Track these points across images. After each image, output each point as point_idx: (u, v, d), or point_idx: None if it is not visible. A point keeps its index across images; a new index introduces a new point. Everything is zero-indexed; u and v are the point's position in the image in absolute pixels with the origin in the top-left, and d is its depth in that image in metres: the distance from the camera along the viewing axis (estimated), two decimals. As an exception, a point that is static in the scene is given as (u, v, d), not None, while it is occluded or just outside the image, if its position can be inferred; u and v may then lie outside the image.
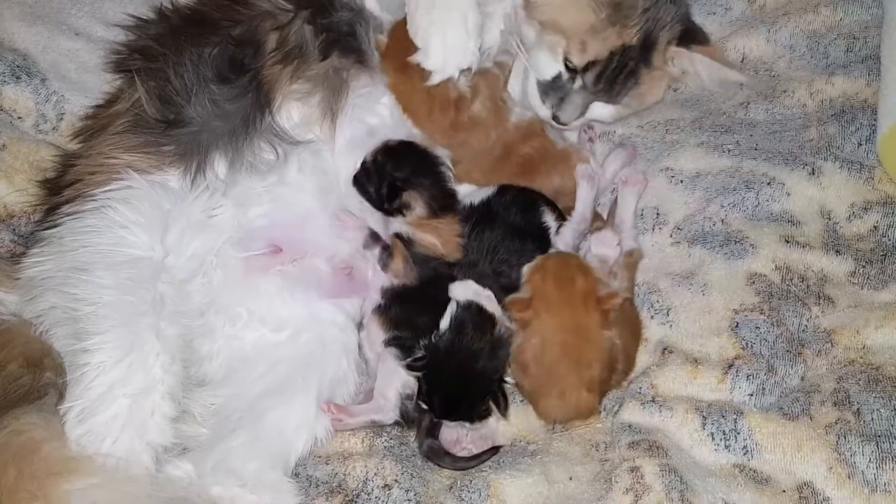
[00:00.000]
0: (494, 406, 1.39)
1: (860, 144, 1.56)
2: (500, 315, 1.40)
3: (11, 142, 1.56)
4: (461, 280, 1.43)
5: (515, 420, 1.44)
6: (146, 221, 1.36)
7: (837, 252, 1.48)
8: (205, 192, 1.43)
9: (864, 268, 1.46)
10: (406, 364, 1.39)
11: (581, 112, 1.54)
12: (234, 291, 1.45)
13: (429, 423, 1.40)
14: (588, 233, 1.52)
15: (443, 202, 1.49)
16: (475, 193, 1.53)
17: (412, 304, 1.44)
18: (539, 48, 1.51)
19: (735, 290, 1.44)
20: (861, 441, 1.26)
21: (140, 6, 1.62)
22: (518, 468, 1.34)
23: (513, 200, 1.50)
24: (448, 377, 1.37)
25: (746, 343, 1.39)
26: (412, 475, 1.35)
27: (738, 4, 1.78)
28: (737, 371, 1.36)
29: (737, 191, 1.53)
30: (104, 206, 1.35)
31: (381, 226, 1.51)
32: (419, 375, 1.38)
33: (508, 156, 1.56)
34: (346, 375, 1.46)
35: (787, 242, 1.48)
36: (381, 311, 1.46)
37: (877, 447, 1.25)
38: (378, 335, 1.44)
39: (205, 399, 1.42)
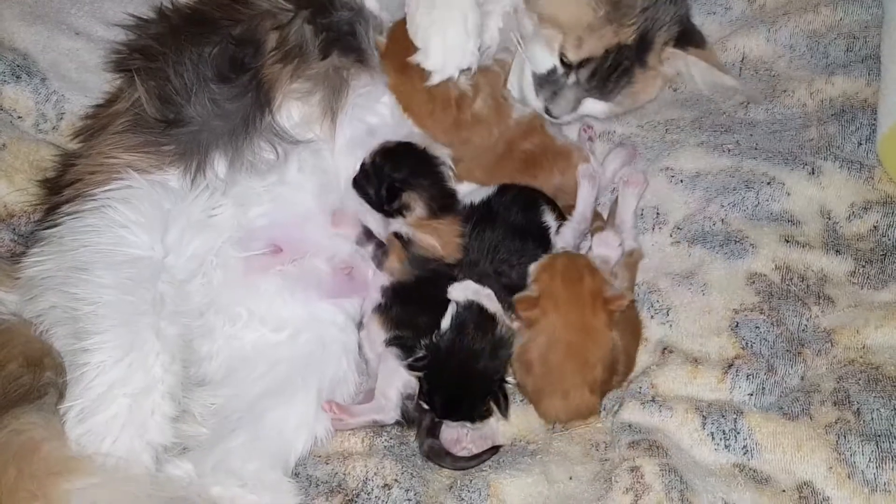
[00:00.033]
0: (495, 406, 1.39)
1: (860, 144, 1.56)
2: (501, 314, 1.40)
3: (11, 141, 1.56)
4: (460, 281, 1.43)
5: (515, 420, 1.44)
6: (146, 221, 1.35)
7: (837, 252, 1.48)
8: (205, 192, 1.43)
9: (864, 267, 1.46)
10: (407, 364, 1.39)
11: (573, 107, 1.53)
12: (234, 291, 1.45)
13: (429, 423, 1.40)
14: (588, 232, 1.52)
15: (442, 202, 1.48)
16: (475, 193, 1.52)
17: (413, 304, 1.44)
18: (536, 41, 1.51)
19: (735, 290, 1.44)
20: (861, 441, 1.26)
21: (140, 6, 1.62)
22: (518, 468, 1.34)
23: (513, 200, 1.49)
24: (449, 377, 1.37)
25: (746, 343, 1.39)
26: (412, 475, 1.35)
27: (738, 4, 1.78)
28: (737, 371, 1.36)
29: (737, 190, 1.53)
30: (104, 206, 1.35)
31: (382, 227, 1.51)
32: (420, 376, 1.39)
33: (510, 152, 1.56)
34: (346, 375, 1.46)
35: (787, 242, 1.48)
36: (382, 311, 1.45)
37: (877, 447, 1.25)
38: (379, 335, 1.44)
39: (205, 399, 1.42)
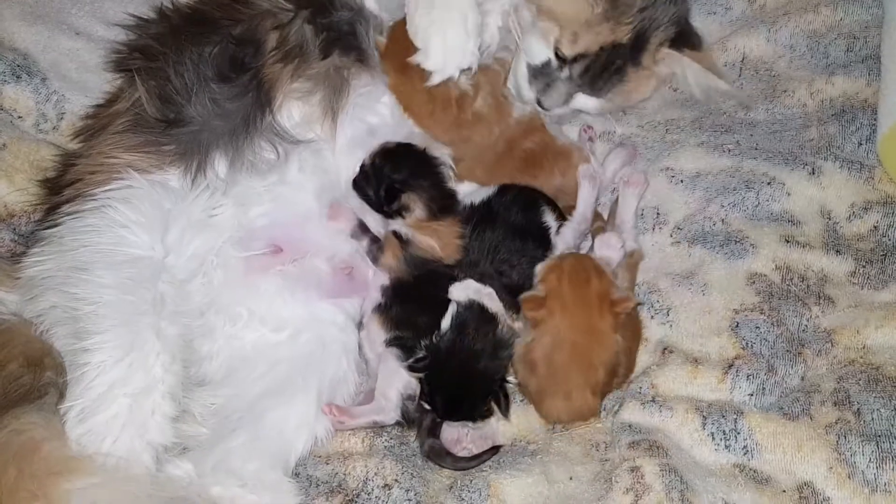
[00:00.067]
0: (496, 406, 1.39)
1: (860, 144, 1.56)
2: (503, 313, 1.40)
3: (12, 141, 1.56)
4: (461, 280, 1.42)
5: (516, 420, 1.44)
6: (146, 221, 1.35)
7: (837, 252, 1.48)
8: (205, 192, 1.43)
9: (865, 268, 1.46)
10: (407, 365, 1.39)
11: (564, 100, 1.54)
12: (235, 291, 1.45)
13: (430, 423, 1.40)
14: (588, 233, 1.52)
15: (442, 203, 1.48)
16: (476, 193, 1.52)
17: (413, 304, 1.44)
18: (533, 33, 1.52)
19: (735, 290, 1.44)
20: (861, 441, 1.26)
21: (140, 5, 1.62)
22: (518, 468, 1.34)
23: (513, 200, 1.49)
24: (450, 377, 1.37)
25: (746, 343, 1.39)
26: (412, 475, 1.35)
27: (739, 4, 1.78)
28: (737, 371, 1.36)
29: (737, 190, 1.53)
30: (104, 206, 1.35)
31: (382, 228, 1.51)
32: (421, 377, 1.38)
33: (511, 151, 1.56)
34: (347, 375, 1.46)
35: (788, 242, 1.48)
36: (382, 311, 1.45)
37: (877, 447, 1.25)
38: (379, 335, 1.44)
39: (205, 399, 1.42)
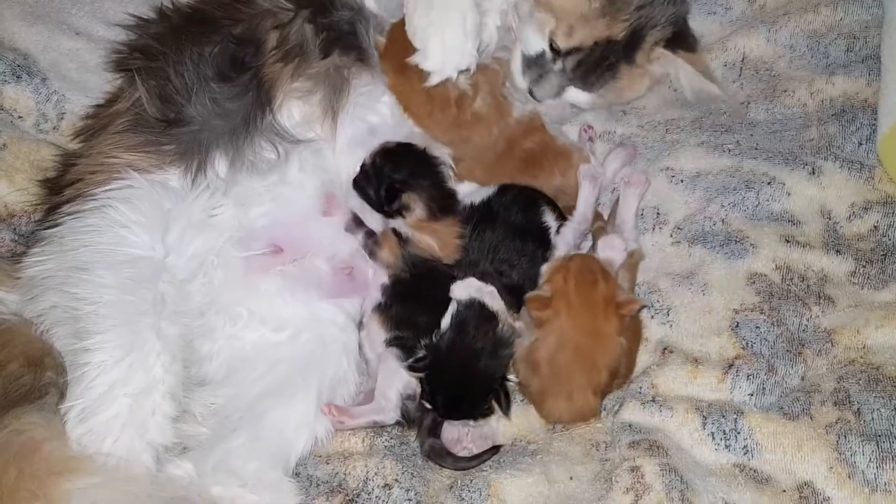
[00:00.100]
0: (497, 404, 1.39)
1: (860, 144, 1.56)
2: (503, 312, 1.40)
3: (12, 141, 1.56)
4: (462, 279, 1.42)
5: (516, 419, 1.44)
6: (147, 221, 1.35)
7: (838, 252, 1.48)
8: (205, 192, 1.43)
9: (865, 267, 1.46)
10: (407, 365, 1.39)
11: (556, 92, 1.55)
12: (235, 291, 1.45)
13: (430, 423, 1.40)
14: (589, 233, 1.52)
15: (442, 203, 1.48)
16: (476, 193, 1.52)
17: (413, 303, 1.44)
18: (529, 23, 1.52)
19: (735, 290, 1.44)
20: (861, 441, 1.26)
21: (140, 5, 1.62)
22: (518, 468, 1.34)
23: (513, 200, 1.49)
24: (450, 377, 1.37)
25: (747, 343, 1.39)
26: (412, 475, 1.35)
27: (739, 4, 1.78)
28: (737, 371, 1.36)
29: (737, 190, 1.53)
30: (105, 206, 1.35)
31: (382, 227, 1.50)
32: (421, 377, 1.38)
33: (511, 151, 1.56)
34: (347, 375, 1.46)
35: (788, 242, 1.48)
36: (382, 310, 1.45)
37: (877, 447, 1.25)
38: (379, 335, 1.44)
39: (205, 399, 1.42)
